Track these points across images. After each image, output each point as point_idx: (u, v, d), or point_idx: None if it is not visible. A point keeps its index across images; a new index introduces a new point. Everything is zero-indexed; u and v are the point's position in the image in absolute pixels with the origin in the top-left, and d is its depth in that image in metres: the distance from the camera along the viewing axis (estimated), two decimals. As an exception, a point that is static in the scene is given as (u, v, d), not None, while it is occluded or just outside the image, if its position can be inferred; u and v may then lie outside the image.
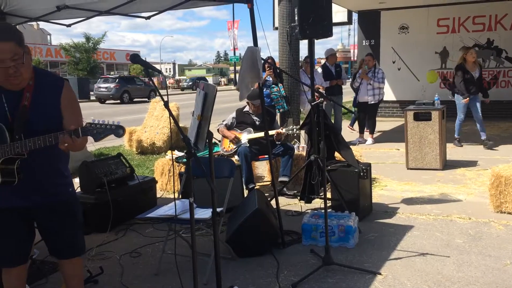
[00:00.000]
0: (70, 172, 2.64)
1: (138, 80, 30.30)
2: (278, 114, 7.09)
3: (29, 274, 2.81)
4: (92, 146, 8.47)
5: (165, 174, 6.02)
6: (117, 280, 3.39)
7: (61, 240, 2.55)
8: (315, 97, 4.11)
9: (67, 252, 2.59)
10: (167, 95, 2.35)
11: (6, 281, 2.60)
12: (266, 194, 4.67)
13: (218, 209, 2.99)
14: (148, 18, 4.73)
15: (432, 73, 12.30)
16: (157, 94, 2.24)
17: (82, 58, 37.24)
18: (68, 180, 2.58)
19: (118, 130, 2.21)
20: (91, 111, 18.76)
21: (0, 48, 2.19)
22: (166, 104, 2.26)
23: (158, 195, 5.28)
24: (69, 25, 4.94)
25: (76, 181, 4.89)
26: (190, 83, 44.44)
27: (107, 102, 27.85)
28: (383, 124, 11.10)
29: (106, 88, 27.38)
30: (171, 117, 2.28)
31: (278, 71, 7.10)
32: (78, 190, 4.66)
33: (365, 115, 8.99)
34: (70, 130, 2.20)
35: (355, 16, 13.77)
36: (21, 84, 2.34)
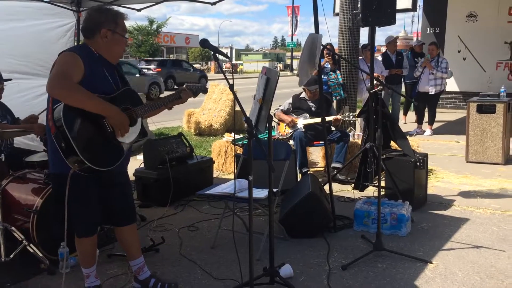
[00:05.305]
0: (134, 149, 2.94)
1: (185, 65, 26.92)
2: (335, 101, 7.09)
3: (98, 239, 2.96)
4: (153, 125, 8.89)
5: (221, 155, 6.25)
6: (176, 250, 3.64)
7: (124, 206, 2.80)
8: (374, 85, 4.12)
9: (128, 218, 2.84)
10: (233, 78, 2.50)
11: (81, 247, 2.75)
12: (319, 180, 4.75)
13: (274, 190, 3.13)
14: (213, 4, 4.88)
15: None
16: (224, 77, 2.38)
17: (145, 40, 38.25)
18: None
19: (205, 89, 3.02)
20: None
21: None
22: (231, 88, 2.41)
23: (214, 175, 5.51)
24: (139, 10, 5.19)
25: (140, 157, 5.22)
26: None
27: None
28: (444, 115, 10.77)
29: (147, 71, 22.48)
30: (235, 100, 2.43)
31: (337, 58, 7.06)
32: (142, 166, 4.98)
33: (425, 105, 8.79)
34: (190, 85, 2.86)
35: (420, 2, 13.30)
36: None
